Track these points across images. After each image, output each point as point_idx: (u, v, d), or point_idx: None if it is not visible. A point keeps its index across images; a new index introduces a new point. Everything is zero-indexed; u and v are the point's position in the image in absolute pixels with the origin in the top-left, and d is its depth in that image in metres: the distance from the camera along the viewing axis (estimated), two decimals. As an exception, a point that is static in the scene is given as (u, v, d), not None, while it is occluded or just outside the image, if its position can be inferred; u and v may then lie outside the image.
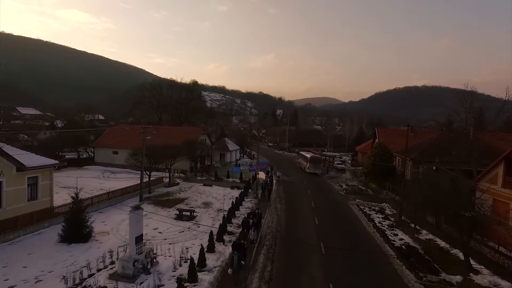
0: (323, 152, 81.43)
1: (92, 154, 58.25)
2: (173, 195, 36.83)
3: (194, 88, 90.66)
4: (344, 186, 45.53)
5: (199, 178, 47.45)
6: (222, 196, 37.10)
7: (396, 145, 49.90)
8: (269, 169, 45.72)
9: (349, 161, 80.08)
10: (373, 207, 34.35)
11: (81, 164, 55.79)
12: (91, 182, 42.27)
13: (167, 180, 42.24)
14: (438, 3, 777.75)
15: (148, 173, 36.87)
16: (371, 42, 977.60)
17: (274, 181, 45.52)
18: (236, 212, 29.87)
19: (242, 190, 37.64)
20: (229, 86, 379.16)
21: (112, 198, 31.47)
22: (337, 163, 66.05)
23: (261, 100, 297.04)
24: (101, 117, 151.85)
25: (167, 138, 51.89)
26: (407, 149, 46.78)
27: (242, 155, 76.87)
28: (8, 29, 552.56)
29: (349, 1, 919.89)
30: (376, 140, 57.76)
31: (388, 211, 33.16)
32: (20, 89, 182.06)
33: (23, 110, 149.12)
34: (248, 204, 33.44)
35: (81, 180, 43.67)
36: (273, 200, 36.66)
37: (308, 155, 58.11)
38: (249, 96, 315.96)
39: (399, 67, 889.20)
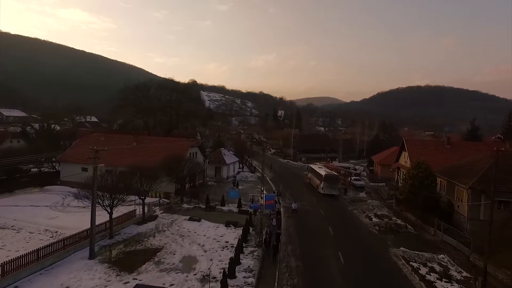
0: (335, 164, 71.12)
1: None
2: (144, 241, 26.39)
3: (188, 89, 79.48)
4: (373, 219, 34.91)
5: (185, 205, 36.91)
6: (212, 241, 26.75)
7: (430, 161, 38.54)
8: (276, 199, 34.02)
9: (364, 172, 69.59)
10: (429, 263, 23.84)
11: (45, 182, 45.35)
12: (40, 216, 31.80)
13: (142, 211, 31.82)
14: (439, 3, 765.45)
15: (109, 210, 26.35)
16: (372, 41, 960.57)
17: (282, 213, 35.06)
18: (229, 281, 19.48)
19: (241, 232, 27.24)
20: (229, 85, 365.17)
21: (45, 257, 21.01)
22: (355, 179, 55.49)
23: (261, 100, 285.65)
24: (94, 118, 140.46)
25: (148, 153, 41.68)
26: (451, 169, 36.26)
27: (241, 166, 66.07)
28: (7, 29, 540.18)
29: (350, 0, 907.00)
30: (405, 153, 47.16)
31: (454, 273, 22.61)
32: (13, 89, 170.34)
33: (7, 112, 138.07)
34: (248, 262, 22.94)
35: (28, 212, 33.20)
36: (283, 249, 25.97)
37: (322, 172, 47.25)
38: (250, 96, 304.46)
39: (401, 67, 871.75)
